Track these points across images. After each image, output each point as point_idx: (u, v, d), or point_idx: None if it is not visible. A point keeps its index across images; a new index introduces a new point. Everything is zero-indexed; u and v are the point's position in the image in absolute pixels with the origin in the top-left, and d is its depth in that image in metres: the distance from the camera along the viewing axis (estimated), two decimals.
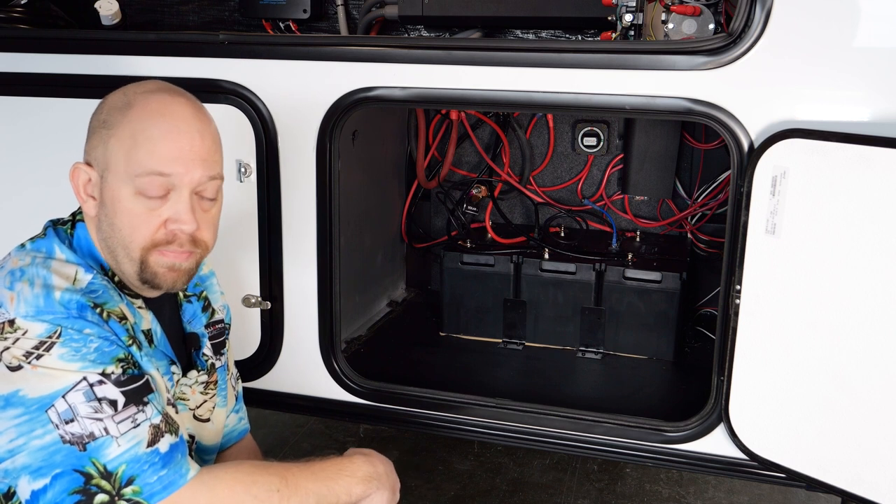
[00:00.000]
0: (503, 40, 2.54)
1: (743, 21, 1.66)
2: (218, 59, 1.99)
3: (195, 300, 1.62)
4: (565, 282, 2.51)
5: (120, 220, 1.37)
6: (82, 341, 1.28)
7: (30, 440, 1.26)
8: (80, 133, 2.11)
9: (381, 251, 2.75)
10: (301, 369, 2.13)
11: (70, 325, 1.28)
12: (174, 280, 1.41)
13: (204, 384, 1.58)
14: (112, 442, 1.27)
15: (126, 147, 1.35)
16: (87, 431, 1.26)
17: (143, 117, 1.36)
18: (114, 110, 1.38)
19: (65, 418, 1.26)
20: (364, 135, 2.43)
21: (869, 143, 1.55)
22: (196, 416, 1.58)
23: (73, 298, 1.30)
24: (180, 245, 1.39)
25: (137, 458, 1.28)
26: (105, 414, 1.27)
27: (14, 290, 1.29)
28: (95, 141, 1.39)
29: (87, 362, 1.28)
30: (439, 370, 2.43)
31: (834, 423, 1.68)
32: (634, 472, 2.89)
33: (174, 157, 1.35)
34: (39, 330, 1.27)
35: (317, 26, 2.73)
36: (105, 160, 1.37)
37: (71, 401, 1.26)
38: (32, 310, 1.27)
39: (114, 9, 2.46)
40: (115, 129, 1.37)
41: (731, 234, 1.77)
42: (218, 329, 1.64)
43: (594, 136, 2.69)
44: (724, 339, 1.82)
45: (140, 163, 1.34)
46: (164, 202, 1.37)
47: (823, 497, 2.57)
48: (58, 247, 1.39)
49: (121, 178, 1.36)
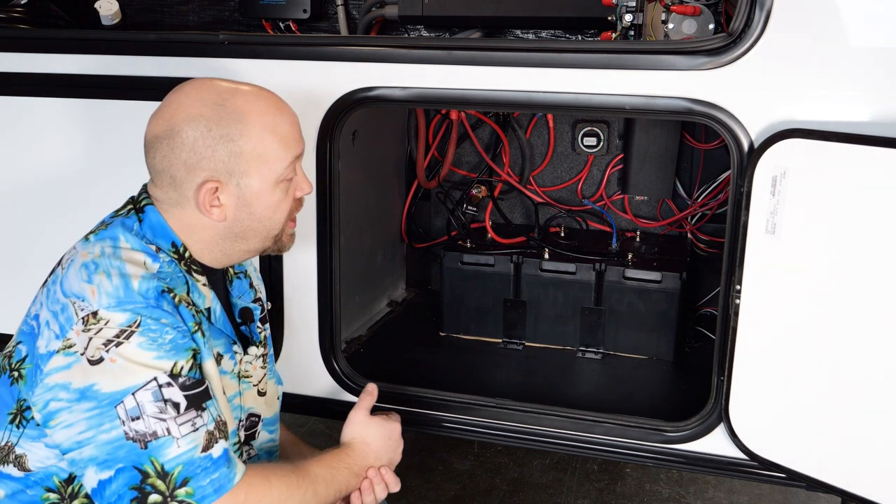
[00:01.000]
0: (503, 40, 2.54)
1: (743, 21, 1.66)
2: (218, 59, 1.99)
3: (243, 277, 1.70)
4: (565, 282, 2.51)
5: (262, 209, 1.49)
6: (159, 331, 1.34)
7: (98, 433, 1.31)
8: (80, 133, 2.11)
9: (381, 251, 2.75)
10: (301, 369, 2.13)
11: (149, 315, 1.34)
12: (292, 242, 1.61)
13: (262, 357, 1.66)
14: (173, 443, 1.32)
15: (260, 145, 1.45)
16: (151, 430, 1.31)
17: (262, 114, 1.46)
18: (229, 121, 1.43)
19: (132, 415, 1.31)
20: (364, 135, 2.43)
21: (869, 143, 1.55)
22: (259, 391, 1.65)
23: (151, 286, 1.36)
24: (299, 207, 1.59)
25: (192, 461, 1.33)
26: (169, 415, 1.32)
27: (93, 283, 1.35)
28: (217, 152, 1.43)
29: (163, 352, 1.34)
30: (439, 370, 2.43)
31: (834, 423, 1.68)
32: (634, 472, 2.89)
33: (297, 138, 1.51)
34: (121, 319, 1.32)
35: (317, 26, 2.73)
36: (240, 167, 1.45)
37: (139, 399, 1.31)
38: (114, 300, 1.33)
39: (114, 9, 2.46)
40: (242, 137, 1.44)
41: (731, 234, 1.77)
42: (260, 305, 1.72)
43: (594, 136, 2.69)
44: (724, 339, 1.81)
45: (278, 155, 1.47)
46: (293, 179, 1.53)
47: (823, 497, 2.57)
48: (122, 235, 1.44)
49: (261, 172, 1.46)
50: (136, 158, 1.53)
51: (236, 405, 1.59)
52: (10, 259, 2.26)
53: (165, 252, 1.46)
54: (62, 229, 1.52)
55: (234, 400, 1.58)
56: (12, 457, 1.40)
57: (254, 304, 1.69)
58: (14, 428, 1.39)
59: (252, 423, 1.65)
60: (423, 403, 2.11)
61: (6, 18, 2.44)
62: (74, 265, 1.39)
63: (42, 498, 1.41)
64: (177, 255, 1.47)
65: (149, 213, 1.48)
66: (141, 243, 1.44)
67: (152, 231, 1.47)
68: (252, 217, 1.49)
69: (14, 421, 1.39)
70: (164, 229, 1.47)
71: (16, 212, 2.23)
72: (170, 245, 1.47)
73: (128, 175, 1.60)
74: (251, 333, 1.67)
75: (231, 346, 1.56)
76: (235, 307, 1.67)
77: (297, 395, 2.14)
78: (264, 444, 1.70)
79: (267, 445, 1.71)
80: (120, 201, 1.55)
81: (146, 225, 1.47)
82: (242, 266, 1.71)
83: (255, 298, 1.71)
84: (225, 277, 1.66)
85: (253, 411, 1.64)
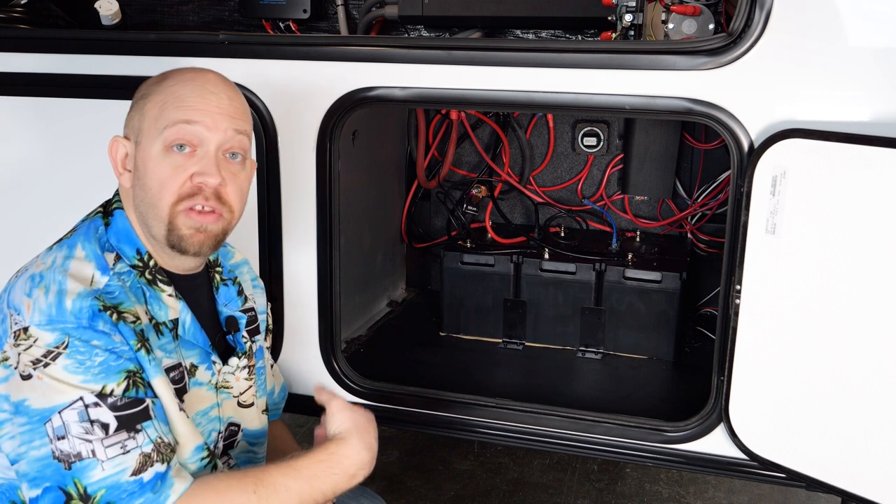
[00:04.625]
0: (503, 40, 2.54)
1: (743, 21, 1.66)
2: (218, 59, 1.99)
3: (230, 283, 1.65)
4: (565, 282, 2.51)
5: (150, 179, 1.41)
6: (88, 353, 1.30)
7: (29, 449, 1.29)
8: (80, 132, 2.11)
9: (381, 251, 2.75)
10: (301, 369, 2.13)
11: (78, 336, 1.30)
12: (200, 242, 1.44)
13: (246, 368, 1.61)
14: (97, 465, 1.28)
15: (158, 107, 1.43)
16: (75, 451, 1.27)
17: (176, 82, 1.45)
18: (151, 84, 1.48)
19: (58, 434, 1.28)
20: (364, 135, 2.43)
21: (869, 143, 1.55)
22: (240, 402, 1.60)
23: (85, 305, 1.32)
24: (205, 198, 1.42)
25: (118, 486, 1.28)
26: (95, 436, 1.28)
27: (31, 297, 1.32)
28: (132, 112, 1.47)
29: (90, 376, 1.29)
30: (439, 370, 2.43)
31: (834, 423, 1.68)
32: (634, 472, 2.89)
33: (201, 110, 1.42)
34: (49, 339, 1.29)
35: (317, 26, 2.73)
36: (139, 126, 1.44)
37: (65, 418, 1.28)
38: (45, 318, 1.30)
39: (114, 9, 2.46)
40: (150, 96, 1.45)
41: (731, 234, 1.77)
42: (250, 316, 1.67)
43: (594, 136, 2.69)
44: (724, 339, 1.82)
45: (169, 116, 1.41)
46: (190, 158, 1.42)
47: (823, 497, 2.57)
48: (80, 243, 1.42)
49: (152, 136, 1.42)
50: None
51: (213, 416, 1.54)
52: (11, 259, 2.26)
53: (126, 261, 1.42)
54: (64, 230, 1.52)
55: (210, 412, 1.53)
56: None
57: (242, 312, 1.64)
58: None
59: (231, 432, 1.60)
60: (423, 403, 2.11)
61: (6, 18, 2.44)
62: (25, 275, 1.37)
63: None
64: (141, 263, 1.44)
65: (116, 218, 1.46)
66: (96, 252, 1.40)
67: (117, 237, 1.44)
68: (142, 186, 1.42)
69: None
70: (128, 235, 1.45)
71: (14, 211, 2.23)
72: (134, 252, 1.44)
73: None
74: (235, 343, 1.62)
75: (207, 357, 1.51)
76: (222, 315, 1.62)
77: (297, 395, 2.14)
78: (241, 454, 1.64)
79: (245, 456, 1.65)
80: None
81: (112, 230, 1.45)
82: (231, 273, 1.67)
83: (246, 308, 1.66)
84: (211, 284, 1.62)
85: (233, 421, 1.59)
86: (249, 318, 1.66)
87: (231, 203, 1.46)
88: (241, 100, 1.50)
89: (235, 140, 1.45)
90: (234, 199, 1.46)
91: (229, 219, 1.47)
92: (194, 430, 1.45)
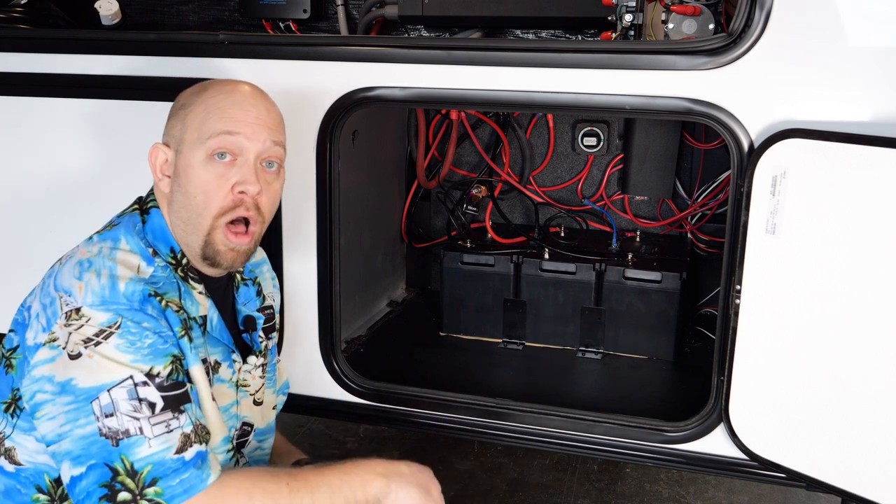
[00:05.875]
0: (503, 40, 2.54)
1: (743, 21, 1.66)
2: (218, 59, 1.99)
3: (250, 284, 1.69)
4: (565, 282, 2.51)
5: (193, 187, 1.46)
6: (139, 335, 1.34)
7: (74, 428, 1.32)
8: (80, 132, 2.12)
9: (381, 251, 2.75)
10: (301, 369, 2.13)
11: (130, 318, 1.34)
12: (233, 259, 1.51)
13: (261, 367, 1.66)
14: (144, 442, 1.31)
15: (200, 117, 1.48)
16: (123, 428, 1.31)
17: (216, 94, 1.50)
18: (191, 94, 1.53)
19: (106, 412, 1.31)
20: (364, 135, 2.42)
21: (869, 143, 1.55)
22: (255, 400, 1.65)
23: (137, 289, 1.37)
24: (246, 208, 1.48)
25: (163, 462, 1.32)
26: (143, 414, 1.32)
27: (82, 280, 1.36)
28: (174, 121, 1.51)
29: (140, 356, 1.34)
30: (439, 370, 2.43)
31: (834, 423, 1.68)
32: (634, 472, 2.89)
33: (242, 121, 1.48)
34: (102, 319, 1.33)
35: (317, 26, 2.73)
36: (181, 135, 1.49)
37: (114, 396, 1.31)
38: (98, 299, 1.34)
39: (114, 9, 2.46)
40: (191, 107, 1.50)
41: (731, 234, 1.77)
42: (267, 314, 1.71)
43: (594, 136, 2.69)
44: (724, 339, 1.81)
45: (212, 127, 1.46)
46: (231, 167, 1.47)
47: (823, 497, 2.57)
48: (124, 237, 1.46)
49: (194, 145, 1.47)
50: (138, 158, 1.53)
51: (233, 414, 1.58)
52: (11, 259, 2.26)
53: (162, 257, 1.47)
54: (63, 229, 1.53)
55: (230, 409, 1.57)
56: (2, 449, 1.41)
57: (260, 312, 1.69)
58: (9, 417, 1.40)
59: (244, 431, 1.64)
60: (423, 403, 2.11)
61: (6, 18, 2.44)
62: (71, 261, 1.41)
63: (32, 499, 1.41)
64: (174, 260, 1.49)
65: (152, 216, 1.51)
66: (140, 245, 1.46)
67: (153, 234, 1.49)
68: (184, 193, 1.47)
69: (9, 410, 1.41)
70: (164, 234, 1.49)
71: (17, 212, 2.23)
72: (168, 251, 1.49)
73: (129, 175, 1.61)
74: (252, 342, 1.66)
75: (230, 354, 1.56)
76: (240, 314, 1.66)
77: (297, 395, 2.14)
78: (252, 453, 1.69)
79: (255, 454, 1.69)
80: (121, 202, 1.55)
81: (148, 227, 1.50)
82: (252, 273, 1.71)
83: (264, 307, 1.71)
84: (231, 283, 1.66)
85: (247, 420, 1.64)
86: (267, 317, 1.71)
87: (265, 213, 1.53)
88: (277, 111, 1.56)
89: (273, 150, 1.51)
90: (267, 208, 1.53)
91: (261, 228, 1.54)
92: (222, 421, 1.50)
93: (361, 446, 3.02)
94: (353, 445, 3.03)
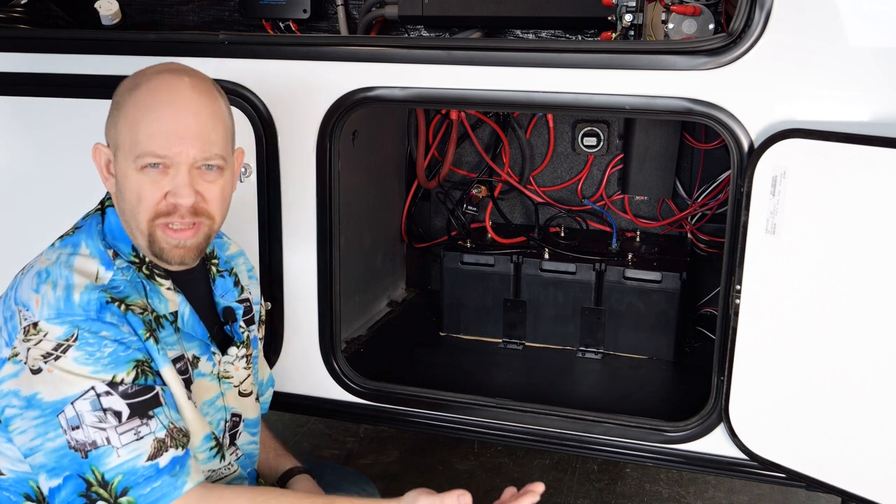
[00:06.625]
0: (503, 40, 2.54)
1: (743, 21, 1.66)
2: (218, 59, 1.99)
3: (227, 275, 1.66)
4: (565, 282, 2.51)
5: (129, 193, 1.42)
6: (97, 344, 1.32)
7: (45, 441, 1.31)
8: (80, 132, 2.11)
9: (381, 251, 2.75)
10: (301, 369, 2.13)
11: (87, 328, 1.32)
12: (181, 256, 1.45)
13: (244, 358, 1.63)
14: (112, 452, 1.31)
15: (129, 126, 1.41)
16: (90, 440, 1.30)
17: (145, 95, 1.42)
18: (124, 91, 1.45)
19: (72, 425, 1.30)
20: (364, 135, 2.42)
21: (869, 143, 1.55)
22: (241, 392, 1.63)
23: (94, 297, 1.34)
24: (181, 216, 1.42)
25: (134, 471, 1.31)
26: (109, 424, 1.31)
27: (39, 293, 1.34)
28: (110, 122, 1.46)
29: (100, 366, 1.32)
30: (439, 370, 2.43)
31: (834, 423, 1.68)
32: (634, 472, 2.89)
33: (171, 134, 1.39)
34: (58, 332, 1.32)
35: (317, 26, 2.73)
36: (116, 139, 1.44)
37: (78, 408, 1.30)
38: (54, 312, 1.33)
39: (114, 9, 2.46)
40: (122, 109, 1.43)
41: (731, 234, 1.77)
42: (246, 306, 1.69)
43: (594, 136, 2.69)
44: (724, 339, 1.81)
45: (140, 143, 1.39)
46: (165, 175, 1.41)
47: (823, 497, 2.57)
48: (84, 241, 1.44)
49: (126, 154, 1.41)
50: None
51: (220, 406, 1.57)
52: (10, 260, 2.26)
53: (124, 257, 1.44)
54: (58, 231, 1.52)
55: (216, 402, 1.56)
56: None
57: (238, 303, 1.66)
58: None
59: (234, 422, 1.62)
60: (423, 403, 2.11)
61: (6, 18, 2.44)
62: (31, 272, 1.39)
63: None
64: (137, 259, 1.46)
65: (109, 216, 1.48)
66: (100, 248, 1.43)
67: (111, 234, 1.46)
68: (123, 199, 1.43)
69: None
70: (122, 233, 1.46)
71: (15, 210, 2.23)
72: (130, 249, 1.46)
73: None
74: (233, 333, 1.64)
75: (207, 348, 1.54)
76: (219, 305, 1.64)
77: (297, 395, 2.14)
78: (245, 446, 1.67)
79: (248, 447, 1.68)
80: None
81: (107, 227, 1.47)
82: (227, 264, 1.68)
83: (242, 298, 1.68)
84: (207, 276, 1.63)
85: (235, 411, 1.62)
86: (245, 308, 1.68)
87: (211, 211, 1.46)
88: (215, 106, 1.46)
89: (209, 153, 1.43)
90: (213, 207, 1.46)
91: (210, 225, 1.47)
92: (202, 420, 1.49)
93: (361, 446, 3.02)
94: (353, 445, 3.02)
